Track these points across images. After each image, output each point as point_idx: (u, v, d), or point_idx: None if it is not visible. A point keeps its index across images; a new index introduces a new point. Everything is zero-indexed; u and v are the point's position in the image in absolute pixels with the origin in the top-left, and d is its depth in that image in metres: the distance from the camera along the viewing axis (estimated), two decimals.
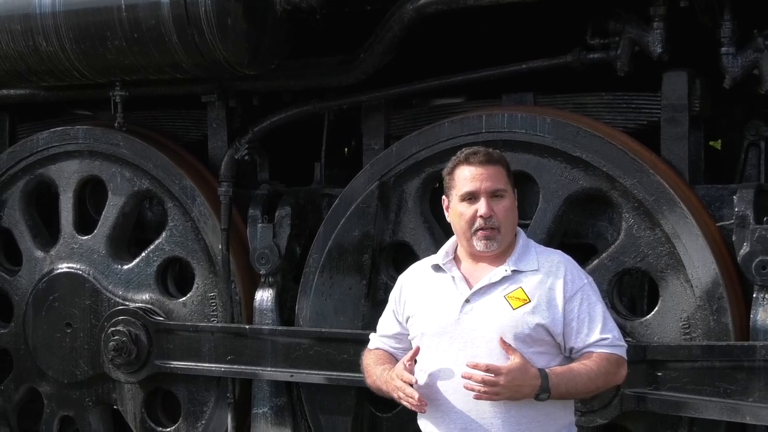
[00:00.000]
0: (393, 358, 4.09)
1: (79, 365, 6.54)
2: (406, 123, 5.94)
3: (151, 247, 6.43)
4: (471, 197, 3.89)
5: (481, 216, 3.85)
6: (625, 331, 5.17)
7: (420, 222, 5.67)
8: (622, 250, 5.23)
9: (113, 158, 6.47)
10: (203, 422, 6.31)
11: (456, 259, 4.01)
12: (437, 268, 4.00)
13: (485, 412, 3.77)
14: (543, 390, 3.73)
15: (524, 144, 5.39)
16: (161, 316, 6.33)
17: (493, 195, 3.89)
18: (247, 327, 6.03)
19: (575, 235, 5.53)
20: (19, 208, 6.78)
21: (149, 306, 6.38)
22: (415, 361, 3.92)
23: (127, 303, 6.39)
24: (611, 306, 5.24)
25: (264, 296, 6.03)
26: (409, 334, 4.05)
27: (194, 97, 6.37)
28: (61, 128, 6.65)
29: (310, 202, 6.14)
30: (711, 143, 6.65)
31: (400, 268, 5.67)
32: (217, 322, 6.19)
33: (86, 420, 6.67)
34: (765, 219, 4.95)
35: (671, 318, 5.14)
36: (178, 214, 6.34)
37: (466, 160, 3.94)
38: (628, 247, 5.22)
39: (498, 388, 3.67)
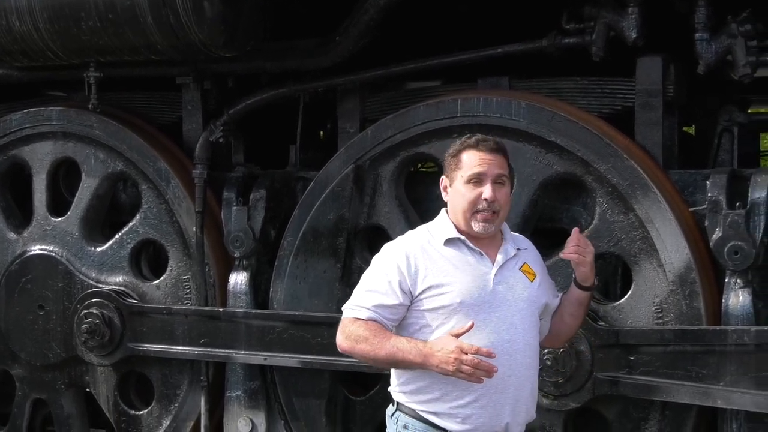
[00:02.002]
0: (389, 332, 4.00)
1: (51, 348, 6.52)
2: (382, 106, 5.93)
3: (125, 229, 6.41)
4: (477, 180, 4.03)
5: (485, 199, 4.01)
6: (598, 315, 5.21)
7: (395, 205, 5.67)
8: (595, 235, 5.25)
9: (87, 140, 6.44)
10: (176, 405, 6.31)
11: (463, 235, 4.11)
12: (451, 241, 4.06)
13: (519, 365, 3.99)
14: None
15: (499, 128, 5.39)
16: (135, 299, 6.32)
17: (496, 181, 4.05)
18: (221, 310, 6.02)
19: (549, 219, 5.56)
20: None
21: (123, 288, 6.36)
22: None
23: (101, 285, 6.37)
24: None
25: (238, 279, 6.02)
26: (412, 306, 4.02)
27: (169, 79, 6.35)
28: (34, 109, 6.61)
29: (285, 185, 6.13)
30: (685, 129, 6.69)
31: (375, 251, 5.67)
32: (191, 304, 6.18)
33: (59, 403, 6.65)
34: (737, 204, 4.97)
35: (644, 302, 5.17)
36: (152, 196, 6.32)
37: (476, 146, 4.08)
38: (602, 232, 5.24)
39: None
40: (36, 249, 6.58)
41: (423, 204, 5.77)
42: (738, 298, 4.98)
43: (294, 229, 5.86)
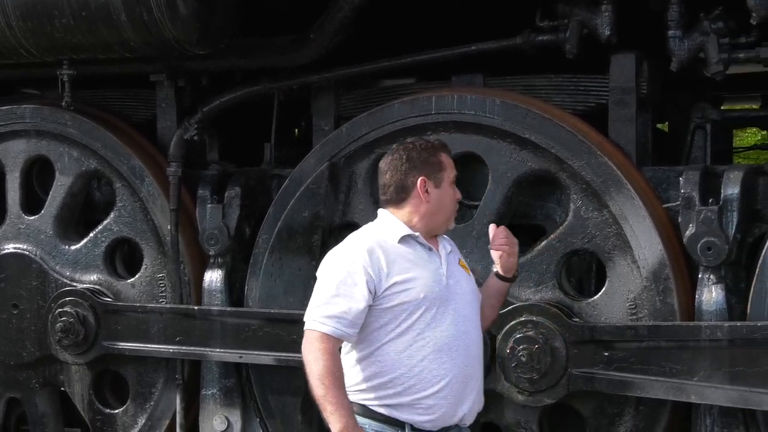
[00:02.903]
0: (344, 386, 4.01)
1: (25, 346, 6.48)
2: (356, 104, 5.94)
3: (99, 227, 6.39)
4: (455, 182, 4.26)
5: (458, 200, 4.30)
6: (572, 312, 5.23)
7: (370, 203, 5.67)
8: (570, 231, 5.27)
9: (61, 138, 6.41)
10: (152, 404, 6.29)
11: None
12: (406, 239, 4.15)
13: (473, 356, 4.17)
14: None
15: (473, 125, 5.41)
16: (109, 297, 6.29)
17: None
18: (196, 308, 6.01)
19: (524, 216, 5.57)
20: None
21: (97, 287, 6.33)
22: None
23: (75, 284, 6.34)
24: (560, 287, 5.29)
25: (213, 277, 6.01)
26: (374, 305, 4.05)
27: (143, 77, 6.32)
28: (7, 107, 6.56)
29: (260, 182, 6.12)
30: (658, 126, 6.72)
31: None
32: (166, 303, 6.16)
33: (33, 402, 6.62)
34: (711, 200, 5.00)
35: (618, 298, 5.19)
36: (126, 194, 6.30)
37: (444, 149, 4.32)
38: (576, 229, 5.26)
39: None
40: (9, 247, 6.54)
41: None
42: (711, 294, 5.01)
43: (269, 226, 5.85)
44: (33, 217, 6.52)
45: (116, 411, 6.43)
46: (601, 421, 5.29)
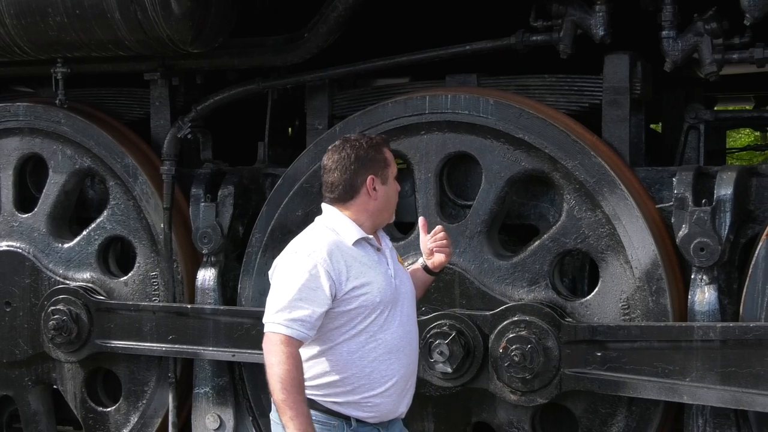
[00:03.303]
0: (303, 392, 4.01)
1: (18, 344, 6.49)
2: (350, 103, 5.94)
3: (93, 225, 6.39)
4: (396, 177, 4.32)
5: (398, 192, 4.36)
6: (565, 312, 5.23)
7: None
8: (563, 231, 5.28)
9: (54, 136, 6.41)
10: (144, 402, 6.29)
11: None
12: (360, 242, 4.17)
13: (415, 353, 4.30)
14: None
15: (467, 125, 5.41)
16: (102, 295, 6.29)
17: None
18: (189, 306, 6.01)
19: (517, 216, 5.58)
20: None
21: (90, 285, 6.34)
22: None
23: (68, 282, 6.35)
24: (552, 287, 5.30)
25: (206, 276, 6.01)
26: (332, 308, 4.07)
27: (137, 75, 6.32)
28: (1, 105, 6.56)
29: (253, 181, 6.12)
30: (652, 126, 6.73)
31: None
32: (159, 301, 6.16)
33: (26, 400, 6.63)
34: (704, 201, 5.01)
35: (611, 299, 5.19)
36: (119, 192, 6.30)
37: (386, 143, 4.35)
38: (569, 229, 5.27)
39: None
40: (2, 245, 6.55)
41: None
42: (704, 295, 5.02)
43: (262, 225, 5.86)
44: (26, 215, 6.52)
45: (109, 409, 6.44)
46: (593, 421, 5.30)
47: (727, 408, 4.97)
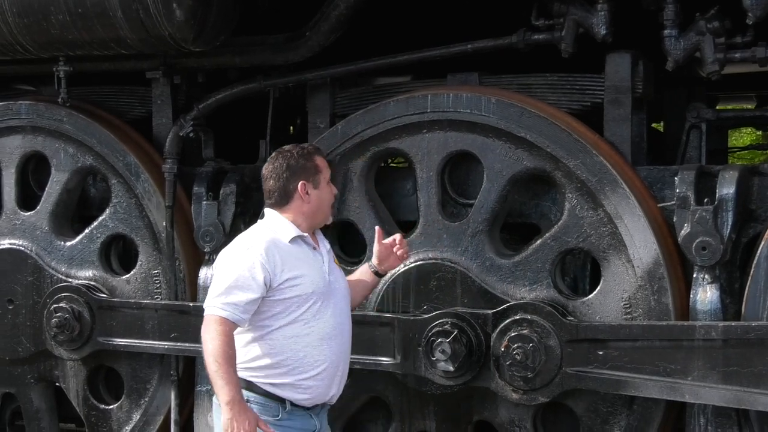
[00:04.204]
0: (234, 365, 4.45)
1: (21, 342, 6.50)
2: (352, 102, 5.94)
3: (95, 223, 6.39)
4: (331, 180, 4.77)
5: (335, 194, 4.85)
6: (567, 310, 5.23)
7: (365, 201, 5.68)
8: (565, 230, 5.28)
9: (57, 134, 6.42)
10: (146, 399, 6.30)
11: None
12: (295, 240, 4.63)
13: (346, 344, 4.74)
14: None
15: (469, 124, 5.41)
16: (104, 293, 6.30)
17: None
18: (191, 304, 6.01)
19: (519, 214, 5.59)
20: None
21: (92, 283, 6.34)
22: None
23: (70, 280, 6.36)
24: (554, 286, 5.30)
25: (208, 274, 5.99)
26: (267, 297, 4.51)
27: (139, 74, 6.32)
28: (3, 103, 6.57)
29: (255, 179, 6.08)
30: (653, 125, 6.73)
31: (346, 246, 5.70)
32: (161, 299, 6.17)
33: (28, 397, 6.64)
34: (706, 200, 5.01)
35: (613, 298, 5.20)
36: (122, 190, 6.31)
37: (319, 151, 4.82)
38: (571, 227, 5.27)
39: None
40: (5, 243, 6.56)
41: (393, 199, 5.79)
42: (706, 294, 5.02)
43: None
44: (28, 213, 6.53)
45: (111, 407, 6.45)
46: (594, 419, 5.30)
47: (729, 407, 4.97)
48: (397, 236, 5.07)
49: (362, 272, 5.11)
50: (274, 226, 4.65)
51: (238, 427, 4.34)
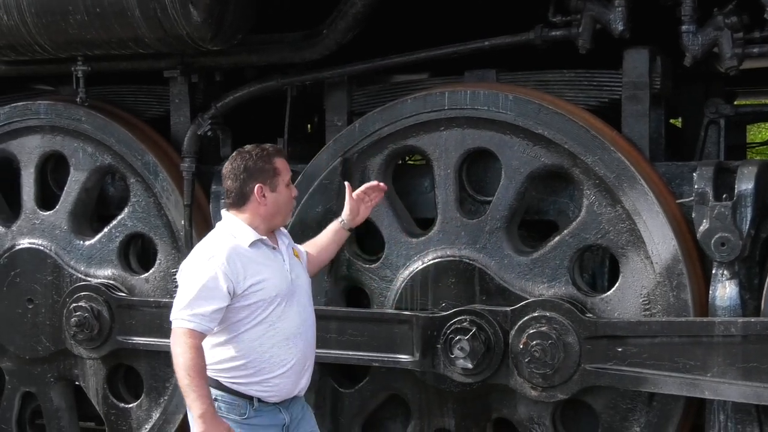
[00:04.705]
0: (206, 378, 4.55)
1: (41, 341, 6.53)
2: (369, 99, 5.94)
3: (114, 222, 6.41)
4: (289, 183, 4.80)
5: (295, 197, 4.88)
6: (585, 307, 5.23)
7: (383, 198, 5.68)
8: (583, 227, 5.27)
9: (75, 133, 6.44)
10: (165, 398, 6.31)
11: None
12: (255, 243, 4.69)
13: (311, 338, 4.85)
14: None
15: (486, 121, 5.41)
16: (123, 292, 6.32)
17: None
18: None
19: (537, 211, 5.58)
20: None
21: (111, 282, 6.36)
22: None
23: (89, 279, 6.38)
24: (573, 283, 5.29)
25: None
26: (232, 304, 4.60)
27: (157, 73, 6.34)
28: (22, 103, 6.60)
29: None
30: (671, 121, 6.71)
31: (363, 244, 5.70)
32: None
33: (48, 396, 6.66)
34: (724, 196, 4.99)
35: (631, 294, 5.18)
36: (140, 189, 6.32)
37: (278, 153, 4.82)
38: (589, 224, 5.26)
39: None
40: (25, 243, 6.58)
41: (410, 196, 5.78)
42: (725, 290, 5.00)
43: None
44: (48, 213, 6.56)
45: (130, 405, 6.46)
46: (613, 416, 5.29)
47: (749, 403, 4.95)
48: (374, 183, 5.36)
49: (333, 230, 5.33)
50: (234, 231, 4.71)
51: None
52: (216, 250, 4.62)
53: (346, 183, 5.34)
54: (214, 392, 4.62)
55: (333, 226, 5.34)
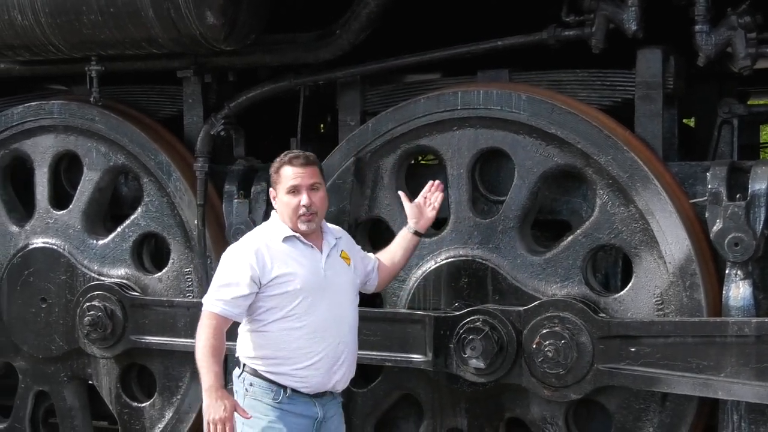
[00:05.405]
0: (218, 355, 4.77)
1: (54, 340, 6.54)
2: (382, 99, 5.94)
3: (127, 222, 6.43)
4: (294, 191, 4.85)
5: (303, 205, 4.84)
6: (599, 307, 5.22)
7: (395, 198, 5.68)
8: (596, 227, 5.27)
9: (89, 133, 6.46)
10: (178, 397, 6.33)
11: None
12: (288, 239, 4.86)
13: (346, 335, 4.92)
14: None
15: (499, 120, 5.41)
16: (137, 292, 6.33)
17: (311, 188, 4.88)
18: None
19: (550, 211, 5.58)
20: None
21: (125, 281, 6.38)
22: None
23: (103, 278, 6.40)
24: (586, 282, 5.29)
25: None
26: (261, 293, 4.79)
27: (170, 73, 6.35)
28: (36, 103, 6.62)
29: None
30: (685, 121, 6.70)
31: (376, 243, 5.70)
32: (193, 297, 6.19)
33: (61, 395, 6.68)
34: (738, 196, 4.99)
35: (645, 294, 5.18)
36: (153, 189, 6.34)
37: (290, 162, 4.91)
38: (602, 224, 5.25)
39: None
40: (38, 242, 6.60)
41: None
42: (738, 290, 4.99)
43: None
44: (61, 212, 6.57)
45: (143, 404, 6.48)
46: (627, 416, 5.29)
47: (763, 404, 4.94)
48: (429, 184, 5.35)
49: (401, 237, 5.34)
50: (272, 227, 4.95)
51: (214, 412, 4.65)
52: (248, 241, 4.91)
53: (401, 192, 5.41)
54: (251, 378, 4.86)
55: (401, 233, 5.35)
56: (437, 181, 5.35)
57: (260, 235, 4.95)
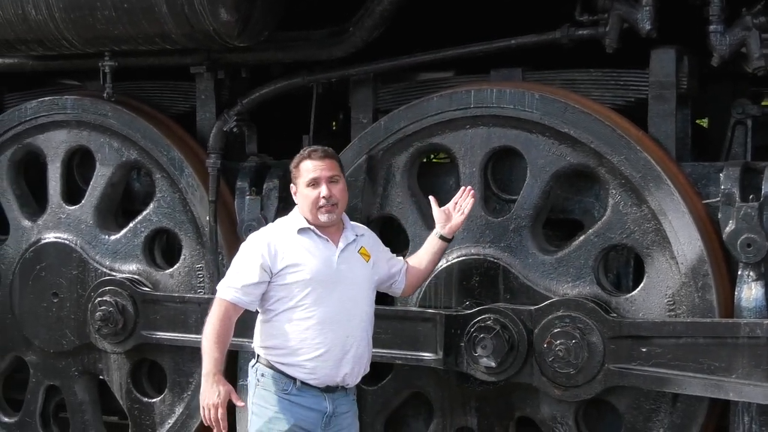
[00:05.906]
0: (222, 343, 4.86)
1: (65, 335, 6.56)
2: (395, 97, 5.94)
3: (139, 217, 6.44)
4: (314, 183, 4.89)
5: (323, 197, 4.87)
6: (610, 307, 5.22)
7: (407, 196, 5.69)
8: (608, 227, 5.26)
9: (101, 128, 6.47)
10: (189, 393, 6.33)
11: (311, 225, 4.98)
12: (303, 231, 4.92)
13: (356, 329, 4.91)
14: None
15: (512, 119, 5.41)
16: (148, 287, 6.34)
17: (331, 180, 4.91)
18: None
19: (562, 210, 5.57)
20: (7, 177, 6.78)
21: (136, 277, 6.39)
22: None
23: (114, 273, 6.40)
24: (597, 282, 5.28)
25: None
26: (272, 281, 4.86)
27: (183, 69, 6.36)
28: (49, 98, 6.63)
29: None
30: (698, 121, 6.68)
31: (388, 241, 5.69)
32: (204, 293, 6.20)
33: (72, 390, 6.69)
34: (751, 197, 4.98)
35: (656, 294, 5.17)
36: (165, 185, 6.34)
37: (309, 156, 4.96)
38: (615, 224, 5.25)
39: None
40: (50, 237, 6.61)
41: (435, 194, 5.75)
42: (751, 291, 4.98)
43: None
44: (73, 207, 6.58)
45: (154, 400, 6.48)
46: (637, 417, 5.28)
47: None
48: (462, 189, 5.30)
49: (429, 242, 5.29)
50: (290, 220, 5.01)
51: (208, 397, 4.75)
52: (264, 232, 5.01)
53: (431, 197, 5.33)
54: (263, 369, 4.92)
55: (429, 238, 5.30)
56: (469, 187, 5.31)
57: (277, 226, 5.04)
